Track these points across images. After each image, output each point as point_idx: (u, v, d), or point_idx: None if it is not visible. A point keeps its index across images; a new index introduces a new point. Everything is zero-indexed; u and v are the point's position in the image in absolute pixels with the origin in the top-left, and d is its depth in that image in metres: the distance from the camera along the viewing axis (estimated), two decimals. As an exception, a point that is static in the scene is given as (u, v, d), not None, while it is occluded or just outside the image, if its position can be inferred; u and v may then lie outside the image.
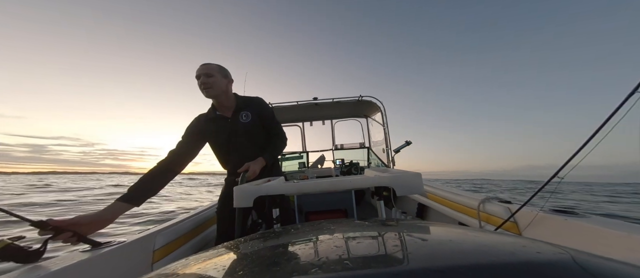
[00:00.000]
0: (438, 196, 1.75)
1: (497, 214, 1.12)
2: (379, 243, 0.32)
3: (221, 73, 1.30)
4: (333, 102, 3.18)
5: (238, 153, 1.36)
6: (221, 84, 1.29)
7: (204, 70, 1.25)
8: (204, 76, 1.25)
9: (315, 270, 0.23)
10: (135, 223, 4.97)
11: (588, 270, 0.20)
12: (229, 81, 1.36)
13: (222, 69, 1.32)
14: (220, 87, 1.29)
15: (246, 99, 1.44)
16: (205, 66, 1.27)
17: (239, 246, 0.37)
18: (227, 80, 1.34)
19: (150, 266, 1.09)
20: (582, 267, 0.21)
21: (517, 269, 0.20)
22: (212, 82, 1.26)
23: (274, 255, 0.30)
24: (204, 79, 1.25)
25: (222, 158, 1.44)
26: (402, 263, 0.24)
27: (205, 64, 1.28)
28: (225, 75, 1.33)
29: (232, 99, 1.39)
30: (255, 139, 1.39)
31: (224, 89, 1.32)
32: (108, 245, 0.96)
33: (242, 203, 0.78)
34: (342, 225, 0.43)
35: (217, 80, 1.27)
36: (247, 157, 1.28)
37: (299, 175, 3.17)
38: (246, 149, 1.36)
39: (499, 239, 0.29)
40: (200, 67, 1.27)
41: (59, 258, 0.81)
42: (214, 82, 1.26)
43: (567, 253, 0.24)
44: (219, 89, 1.28)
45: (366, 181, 0.86)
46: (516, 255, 0.24)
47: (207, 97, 1.30)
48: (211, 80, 1.25)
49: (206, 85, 1.25)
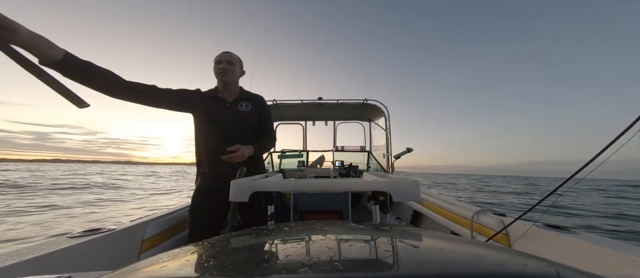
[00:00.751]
0: (433, 204, 1.76)
1: (490, 226, 1.13)
2: (370, 247, 0.33)
3: (240, 64, 1.44)
4: (337, 104, 3.19)
5: (225, 138, 1.33)
6: (237, 74, 1.42)
7: (227, 57, 1.37)
8: (226, 62, 1.36)
9: (304, 269, 0.23)
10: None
11: None
12: (242, 72, 1.49)
13: (241, 62, 1.45)
14: (235, 76, 1.40)
15: (250, 93, 1.51)
16: (228, 54, 1.38)
17: (229, 240, 0.38)
18: (241, 71, 1.47)
19: (137, 255, 1.09)
20: None
21: None
22: (231, 69, 1.37)
23: (264, 252, 0.30)
24: (225, 65, 1.35)
25: (205, 139, 1.35)
26: (390, 268, 0.24)
27: (228, 52, 1.40)
28: (241, 66, 1.46)
29: (237, 89, 1.47)
30: (247, 130, 1.42)
31: (237, 79, 1.44)
32: (98, 231, 0.97)
33: (239, 198, 0.78)
34: (335, 227, 0.43)
35: (235, 69, 1.39)
36: (232, 142, 1.25)
37: (297, 173, 3.18)
38: (235, 136, 1.34)
39: (488, 250, 0.29)
40: (223, 53, 1.38)
41: (45, 243, 0.81)
42: (232, 69, 1.37)
43: (552, 268, 0.24)
44: (234, 77, 1.40)
45: (364, 185, 0.86)
46: (503, 266, 0.24)
47: (222, 81, 1.37)
48: (231, 67, 1.37)
49: (226, 71, 1.35)
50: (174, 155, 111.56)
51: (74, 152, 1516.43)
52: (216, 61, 1.37)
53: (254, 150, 1.32)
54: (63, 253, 0.78)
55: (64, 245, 0.80)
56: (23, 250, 0.75)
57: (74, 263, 0.81)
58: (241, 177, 1.04)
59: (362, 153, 3.67)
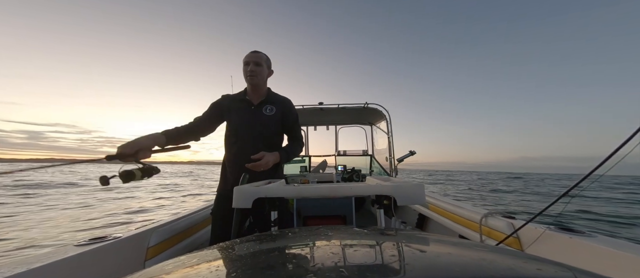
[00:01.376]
0: (439, 207, 1.73)
1: (500, 229, 1.10)
2: (376, 252, 0.32)
3: (267, 64, 1.38)
4: (338, 108, 3.19)
5: (247, 141, 1.34)
6: (265, 74, 1.38)
7: (254, 58, 1.33)
8: (253, 64, 1.32)
9: (309, 275, 0.22)
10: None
11: None
12: (270, 72, 1.44)
13: (269, 60, 1.41)
14: (263, 78, 1.37)
15: (277, 95, 1.47)
16: (255, 54, 1.34)
17: (233, 247, 0.37)
18: (269, 71, 1.42)
19: (142, 263, 1.09)
20: None
21: None
22: (259, 71, 1.33)
23: (268, 259, 0.30)
24: (252, 67, 1.32)
25: (231, 140, 1.38)
26: (397, 274, 0.23)
27: (256, 52, 1.36)
28: (269, 66, 1.41)
29: (265, 91, 1.43)
30: (270, 135, 1.38)
31: (265, 80, 1.40)
32: (103, 240, 0.97)
33: (242, 204, 0.78)
34: (340, 232, 0.43)
35: (263, 70, 1.35)
36: (255, 148, 1.27)
37: (299, 178, 3.17)
38: (256, 140, 1.33)
39: (500, 255, 0.28)
40: (251, 53, 1.35)
41: (51, 252, 0.82)
42: (260, 71, 1.34)
43: (569, 272, 0.23)
44: (262, 78, 1.36)
45: (367, 189, 0.86)
46: (516, 271, 0.23)
47: (250, 83, 1.36)
48: (259, 69, 1.33)
49: (254, 73, 1.32)
50: (172, 154, 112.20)
51: (69, 152, 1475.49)
52: (244, 62, 1.34)
53: (279, 157, 1.29)
54: (70, 262, 0.79)
55: (71, 254, 0.81)
56: (31, 258, 0.77)
57: (81, 271, 0.82)
58: (244, 184, 1.04)
59: (365, 157, 3.66)
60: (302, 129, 3.94)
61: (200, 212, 1.69)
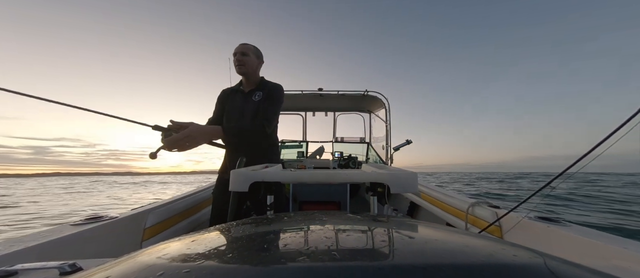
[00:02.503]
0: (430, 196, 1.78)
1: (484, 218, 1.15)
2: (367, 237, 0.34)
3: (255, 53, 1.44)
4: (338, 95, 3.17)
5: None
6: (253, 63, 1.42)
7: (241, 48, 1.39)
8: (239, 53, 1.38)
9: (302, 257, 0.24)
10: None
11: (557, 274, 0.22)
12: (260, 62, 1.48)
13: (257, 50, 1.46)
14: (251, 66, 1.41)
15: (268, 82, 1.49)
16: (243, 45, 1.40)
17: (230, 230, 0.39)
18: (258, 61, 1.46)
19: (139, 244, 1.10)
20: (552, 272, 0.22)
21: (493, 271, 0.22)
22: (245, 60, 1.38)
23: (263, 241, 0.31)
24: (239, 56, 1.38)
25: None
26: (386, 258, 0.25)
27: (244, 43, 1.41)
28: (258, 56, 1.46)
29: (257, 79, 1.47)
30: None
31: (254, 69, 1.44)
32: (100, 219, 0.97)
33: (238, 187, 0.79)
34: (334, 217, 0.44)
35: (250, 59, 1.40)
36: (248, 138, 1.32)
37: (296, 164, 3.20)
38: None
39: (480, 241, 0.30)
40: (238, 45, 1.41)
41: (47, 231, 0.82)
42: (247, 60, 1.39)
43: (541, 258, 0.25)
44: (250, 67, 1.41)
45: (362, 176, 0.87)
46: (494, 257, 0.25)
47: (238, 73, 1.42)
48: (245, 58, 1.38)
49: (240, 62, 1.38)
50: (174, 164, 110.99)
51: (74, 165, 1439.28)
52: (233, 54, 1.40)
53: (217, 134, 1.20)
54: (66, 240, 0.79)
55: (67, 233, 0.81)
56: (27, 237, 0.76)
57: (77, 250, 0.82)
58: (241, 167, 1.05)
59: (362, 144, 3.68)
60: (300, 114, 3.92)
61: (197, 194, 1.71)
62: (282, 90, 1.47)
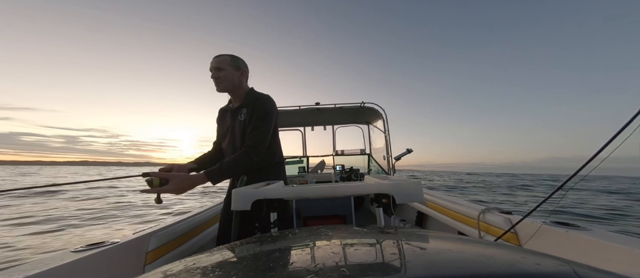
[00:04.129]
0: (438, 205, 1.74)
1: (498, 225, 1.11)
2: (376, 251, 0.32)
3: (232, 64, 1.23)
4: (335, 108, 3.19)
5: (228, 150, 1.33)
6: (233, 77, 1.23)
7: (214, 63, 1.21)
8: (214, 70, 1.21)
9: (310, 275, 0.22)
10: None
11: None
12: (242, 72, 1.27)
13: (235, 60, 1.24)
14: (231, 81, 1.23)
15: (255, 95, 1.30)
16: (215, 59, 1.22)
17: (234, 249, 0.37)
18: (239, 72, 1.26)
19: (142, 268, 1.07)
20: None
21: None
22: (222, 76, 1.20)
23: (269, 260, 0.30)
24: (214, 73, 1.21)
25: (221, 152, 1.42)
26: (399, 272, 0.23)
27: (217, 56, 1.22)
28: (238, 66, 1.25)
29: (244, 93, 1.30)
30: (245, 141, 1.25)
31: (236, 82, 1.25)
32: (101, 245, 0.95)
33: (240, 206, 0.77)
34: (340, 232, 0.43)
35: (227, 73, 1.21)
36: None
37: (298, 179, 3.17)
38: (236, 148, 1.28)
39: (498, 250, 0.29)
40: (212, 60, 1.23)
41: (49, 258, 0.80)
42: (224, 76, 1.21)
43: (566, 266, 0.23)
44: (229, 82, 1.23)
45: (366, 188, 0.86)
46: (515, 266, 0.23)
47: (218, 91, 1.24)
48: (221, 74, 1.20)
49: (216, 80, 1.21)
50: (189, 155, 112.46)
51: (100, 154, 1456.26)
52: (209, 70, 1.24)
53: (202, 179, 1.07)
54: (67, 268, 0.78)
55: (68, 260, 0.80)
56: (27, 265, 0.75)
57: (79, 277, 0.80)
58: (242, 186, 1.03)
59: (362, 156, 3.67)
60: (299, 129, 3.94)
61: (200, 214, 1.68)
62: (268, 102, 1.27)
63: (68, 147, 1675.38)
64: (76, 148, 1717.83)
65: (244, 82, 1.30)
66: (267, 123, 1.24)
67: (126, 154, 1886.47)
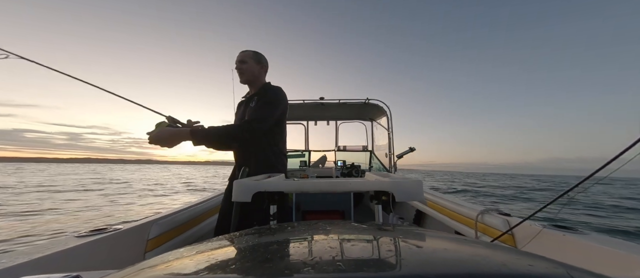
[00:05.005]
0: (437, 204, 1.74)
1: (495, 226, 1.11)
2: (373, 247, 0.32)
3: (254, 59, 1.39)
4: (339, 103, 3.18)
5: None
6: (254, 69, 1.38)
7: (239, 57, 1.38)
8: (239, 62, 1.37)
9: (307, 269, 0.23)
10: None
11: None
12: (262, 66, 1.43)
13: (257, 55, 1.41)
14: (252, 73, 1.38)
15: (266, 86, 1.41)
16: (241, 53, 1.38)
17: (233, 240, 0.38)
18: (260, 66, 1.41)
19: (142, 255, 1.10)
20: None
21: None
22: (245, 68, 1.36)
23: (267, 252, 0.30)
24: (238, 65, 1.37)
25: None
26: (393, 269, 0.24)
27: (243, 51, 1.39)
28: (259, 61, 1.41)
29: (260, 85, 1.44)
30: None
31: (256, 75, 1.40)
32: (104, 231, 0.98)
33: (241, 198, 0.78)
34: (338, 227, 0.43)
35: (249, 66, 1.37)
36: (245, 146, 1.32)
37: (299, 173, 3.18)
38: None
39: (492, 250, 0.29)
40: (238, 53, 1.39)
41: (52, 243, 0.82)
42: (246, 68, 1.36)
43: (560, 268, 0.23)
44: (250, 74, 1.38)
45: (366, 184, 0.86)
46: (509, 267, 0.23)
47: (241, 82, 1.41)
48: (244, 66, 1.36)
49: (239, 72, 1.37)
50: (190, 154, 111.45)
51: (102, 152, 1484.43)
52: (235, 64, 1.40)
53: (185, 136, 1.15)
54: (70, 253, 0.80)
55: (71, 245, 0.82)
56: (31, 249, 0.77)
57: (81, 262, 0.82)
58: (244, 177, 1.04)
59: (364, 153, 3.66)
60: (302, 123, 3.94)
61: (201, 204, 1.70)
62: (278, 92, 1.37)
63: (71, 143, 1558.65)
64: (79, 145, 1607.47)
65: (262, 76, 1.44)
66: (272, 108, 1.31)
67: (128, 151, 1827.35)
